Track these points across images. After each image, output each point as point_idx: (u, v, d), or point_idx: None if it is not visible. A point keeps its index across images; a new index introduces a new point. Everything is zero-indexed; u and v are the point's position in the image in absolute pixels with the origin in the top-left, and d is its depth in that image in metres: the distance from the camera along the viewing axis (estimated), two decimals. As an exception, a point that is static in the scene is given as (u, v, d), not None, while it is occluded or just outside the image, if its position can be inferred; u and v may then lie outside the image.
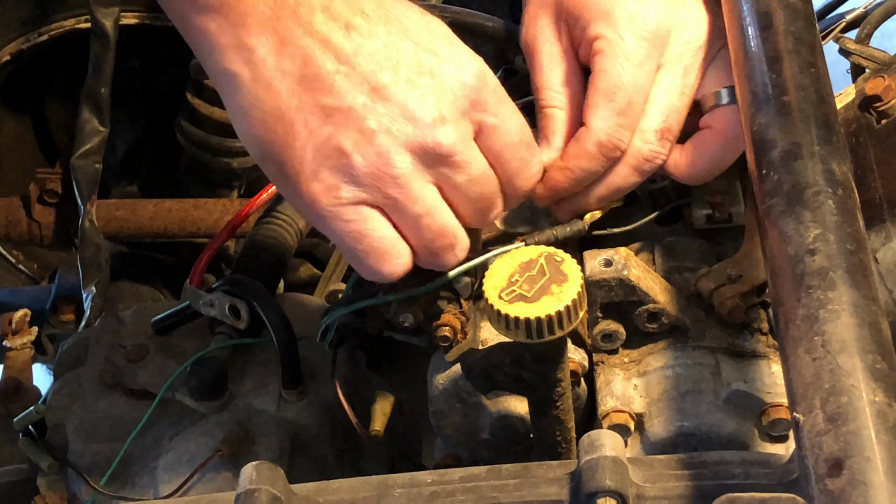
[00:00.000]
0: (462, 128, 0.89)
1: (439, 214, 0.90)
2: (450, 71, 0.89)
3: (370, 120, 0.86)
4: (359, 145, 0.87)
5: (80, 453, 1.14)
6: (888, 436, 0.65)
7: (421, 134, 0.87)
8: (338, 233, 0.90)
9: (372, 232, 0.89)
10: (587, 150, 1.00)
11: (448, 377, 1.03)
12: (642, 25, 0.99)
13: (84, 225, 1.48)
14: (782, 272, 0.75)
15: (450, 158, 0.88)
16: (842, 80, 1.11)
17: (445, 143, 0.88)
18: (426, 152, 0.88)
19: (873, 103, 1.03)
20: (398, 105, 0.87)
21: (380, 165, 0.87)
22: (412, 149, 0.87)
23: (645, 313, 1.01)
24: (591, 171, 1.01)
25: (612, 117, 0.99)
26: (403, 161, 0.87)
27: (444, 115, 0.88)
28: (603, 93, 0.99)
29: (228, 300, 1.12)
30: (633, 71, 0.98)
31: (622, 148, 1.00)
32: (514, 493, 0.79)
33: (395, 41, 0.88)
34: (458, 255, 0.93)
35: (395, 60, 0.87)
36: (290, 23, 0.86)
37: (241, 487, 0.78)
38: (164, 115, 1.70)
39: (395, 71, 0.87)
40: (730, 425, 1.00)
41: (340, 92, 0.86)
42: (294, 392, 1.12)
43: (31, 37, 1.62)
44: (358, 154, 0.87)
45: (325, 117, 0.86)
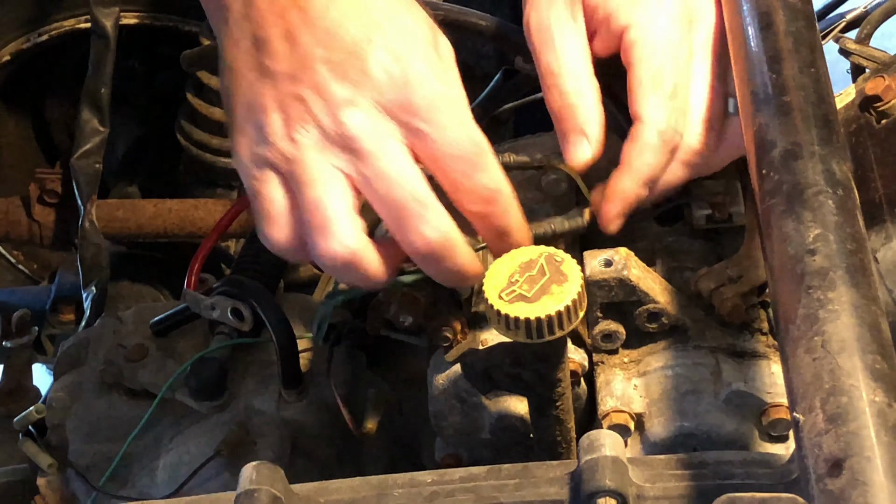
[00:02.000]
0: (376, 119, 0.88)
1: (318, 189, 0.89)
2: (382, 64, 0.89)
3: (292, 87, 0.89)
4: (276, 109, 0.89)
5: (80, 453, 1.14)
6: (888, 436, 0.65)
7: (329, 111, 0.88)
8: (246, 187, 0.93)
9: (265, 194, 0.91)
10: (650, 143, 0.95)
11: (448, 377, 1.03)
12: (669, 9, 0.96)
13: (84, 225, 1.48)
14: (782, 272, 0.75)
15: (354, 143, 0.88)
16: (842, 80, 1.11)
17: (349, 124, 0.88)
18: (332, 131, 0.88)
19: (873, 103, 1.03)
20: (319, 82, 0.88)
21: (288, 130, 0.89)
22: (319, 124, 0.89)
23: (645, 313, 1.01)
24: (659, 167, 0.96)
25: (665, 104, 0.95)
26: (307, 131, 0.89)
27: (355, 99, 0.88)
28: (649, 81, 0.95)
29: (230, 303, 1.12)
30: (672, 52, 0.95)
31: (680, 131, 0.96)
32: (514, 493, 0.79)
33: (344, 22, 0.89)
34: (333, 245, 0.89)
35: (334, 39, 0.89)
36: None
37: (241, 487, 0.78)
38: (164, 115, 1.70)
39: (329, 49, 0.89)
40: (730, 425, 1.00)
41: (277, 57, 0.89)
42: (294, 392, 1.12)
43: (31, 37, 1.62)
44: (274, 115, 0.89)
45: (260, 76, 0.90)
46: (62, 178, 1.67)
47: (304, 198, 0.89)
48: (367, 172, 0.89)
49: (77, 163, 1.50)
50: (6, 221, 1.69)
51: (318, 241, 0.90)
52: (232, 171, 1.66)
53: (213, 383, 1.11)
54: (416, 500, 0.79)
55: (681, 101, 0.96)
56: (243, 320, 1.12)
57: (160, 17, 1.58)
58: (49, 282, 1.77)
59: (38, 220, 1.68)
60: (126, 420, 1.14)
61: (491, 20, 1.19)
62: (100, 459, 1.14)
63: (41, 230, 1.68)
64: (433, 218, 0.89)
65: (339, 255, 0.90)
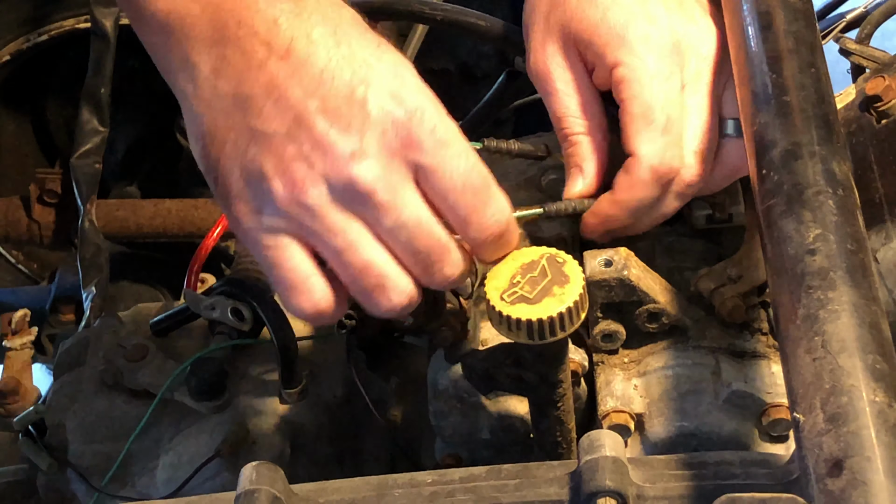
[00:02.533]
0: (387, 167, 0.84)
1: (362, 250, 0.85)
2: (382, 105, 0.83)
3: (291, 147, 0.83)
4: (277, 172, 0.84)
5: (80, 453, 1.14)
6: (888, 436, 0.65)
7: (336, 167, 0.83)
8: (259, 257, 0.87)
9: (285, 262, 0.86)
10: (642, 179, 0.97)
11: (448, 377, 1.03)
12: (658, 44, 0.97)
13: (84, 225, 1.48)
14: (782, 272, 0.75)
15: (370, 198, 0.84)
16: (842, 80, 1.11)
17: (362, 178, 0.83)
18: (343, 187, 0.83)
19: (873, 103, 1.03)
20: (319, 135, 0.83)
21: (296, 193, 0.83)
22: (328, 182, 0.83)
23: (645, 313, 1.01)
24: (648, 200, 0.98)
25: (658, 139, 0.96)
26: (317, 192, 0.83)
27: (364, 151, 0.83)
28: (640, 117, 0.96)
29: (230, 303, 1.12)
30: (663, 87, 0.96)
31: (676, 168, 0.97)
32: (514, 493, 0.79)
33: (332, 67, 0.84)
34: (395, 299, 0.86)
35: (326, 88, 0.83)
36: (229, 43, 0.85)
37: (241, 487, 0.78)
38: (164, 115, 1.70)
39: (323, 100, 0.83)
40: (730, 425, 1.00)
41: (268, 117, 0.84)
42: (294, 392, 1.12)
43: (31, 37, 1.62)
44: (277, 180, 0.84)
45: (251, 139, 0.84)
46: (62, 178, 1.66)
47: (348, 264, 0.85)
48: (386, 224, 0.85)
49: (77, 163, 1.50)
50: (6, 221, 1.68)
51: (379, 300, 0.86)
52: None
53: (213, 383, 1.12)
54: (416, 500, 0.79)
55: (674, 135, 0.97)
56: (243, 320, 1.12)
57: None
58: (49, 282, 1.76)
59: (38, 220, 1.68)
60: (126, 420, 1.14)
61: (491, 20, 1.19)
62: (100, 459, 1.14)
63: (41, 230, 1.68)
64: (455, 259, 0.88)
65: (401, 305, 0.87)
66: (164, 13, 0.86)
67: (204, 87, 0.85)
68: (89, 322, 1.42)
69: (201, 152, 0.87)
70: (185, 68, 0.86)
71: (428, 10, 1.19)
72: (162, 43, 0.87)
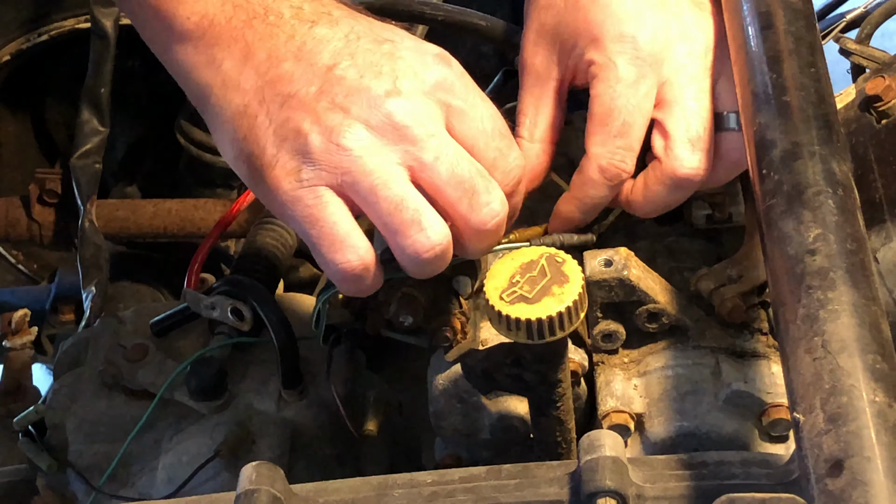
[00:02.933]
0: (422, 104, 0.88)
1: (396, 185, 0.87)
2: (410, 53, 0.89)
3: (324, 100, 0.87)
4: (314, 125, 0.87)
5: (80, 453, 1.14)
6: (888, 436, 0.65)
7: (372, 105, 0.87)
8: (297, 218, 0.89)
9: (328, 217, 0.88)
10: (591, 178, 0.99)
11: (448, 377, 1.03)
12: (632, 46, 0.97)
13: (84, 225, 1.48)
14: (782, 272, 0.75)
15: (408, 132, 0.87)
16: (842, 80, 1.11)
17: (398, 113, 0.87)
18: (381, 125, 0.87)
19: (873, 103, 1.03)
20: (352, 83, 0.88)
21: (333, 141, 0.87)
22: (367, 124, 0.87)
23: (645, 313, 1.01)
24: (599, 198, 1.00)
25: (609, 141, 0.98)
26: (356, 134, 0.87)
27: (398, 88, 0.88)
28: (598, 118, 0.98)
29: (230, 303, 1.12)
30: (625, 92, 0.97)
31: (626, 170, 0.98)
32: (514, 493, 0.79)
33: (357, 34, 0.90)
34: (433, 237, 0.87)
35: (353, 49, 0.89)
36: (259, 28, 0.90)
37: (241, 487, 0.78)
38: (164, 115, 1.70)
39: (352, 57, 0.89)
40: (730, 425, 1.00)
41: (299, 80, 0.88)
42: (294, 392, 1.12)
43: (31, 37, 1.62)
44: (314, 133, 0.87)
45: (283, 103, 0.88)
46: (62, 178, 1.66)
47: (383, 199, 0.87)
48: (426, 157, 0.87)
49: (77, 163, 1.49)
50: (6, 221, 1.68)
51: (415, 237, 0.87)
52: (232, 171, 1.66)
53: (212, 383, 1.11)
54: (416, 500, 0.79)
55: (630, 139, 0.98)
56: (243, 320, 1.12)
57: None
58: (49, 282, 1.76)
59: (38, 220, 1.68)
60: (126, 420, 1.14)
61: (491, 20, 1.19)
62: (100, 459, 1.14)
63: (41, 230, 1.68)
64: (496, 192, 0.90)
65: (438, 246, 0.88)
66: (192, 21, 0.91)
67: (231, 73, 0.90)
68: (89, 322, 1.41)
69: (232, 136, 0.91)
70: (210, 66, 0.91)
71: (429, 11, 1.19)
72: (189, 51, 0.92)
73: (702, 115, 0.98)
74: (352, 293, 0.92)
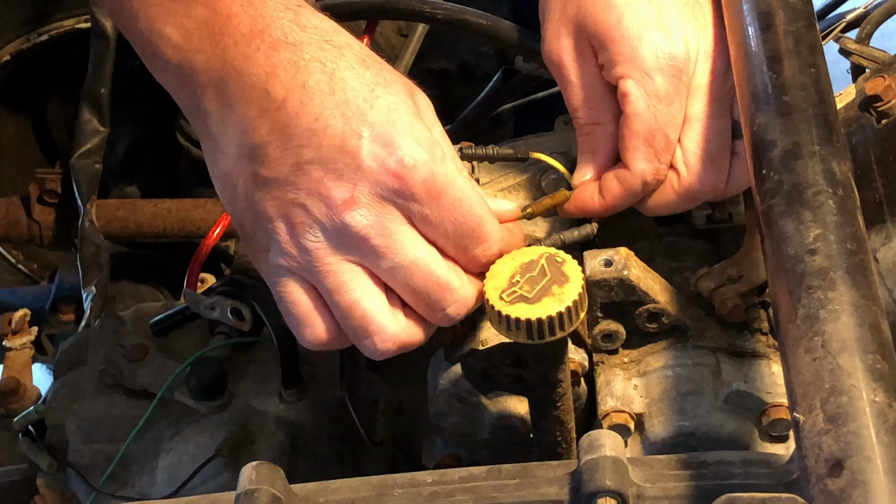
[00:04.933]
0: (380, 213, 0.87)
1: (350, 293, 0.89)
2: (374, 155, 0.87)
3: (290, 193, 0.88)
4: (280, 215, 0.89)
5: (80, 453, 1.14)
6: (888, 436, 0.65)
7: (330, 214, 0.87)
8: (273, 294, 0.93)
9: (289, 297, 0.91)
10: (634, 191, 1.00)
11: (448, 377, 1.03)
12: (668, 61, 0.97)
13: (84, 225, 1.48)
14: (782, 272, 0.75)
15: (365, 243, 0.88)
16: (842, 80, 1.11)
17: (354, 225, 0.87)
18: (338, 233, 0.88)
19: (873, 103, 1.03)
20: (314, 183, 0.87)
21: (296, 237, 0.88)
22: (323, 227, 0.88)
23: (645, 313, 1.01)
24: (628, 205, 1.01)
25: (654, 159, 0.98)
26: (315, 237, 0.88)
27: (356, 199, 0.87)
28: (641, 136, 0.98)
29: (230, 303, 1.12)
30: (664, 110, 0.97)
31: (661, 180, 1.00)
32: (514, 493, 0.79)
33: (326, 116, 0.87)
34: (379, 344, 0.90)
35: (319, 137, 0.87)
36: (233, 94, 0.89)
37: (241, 487, 0.78)
38: (164, 115, 1.70)
39: (318, 150, 0.87)
40: (730, 425, 1.00)
41: (270, 164, 0.88)
42: (294, 392, 1.12)
43: (31, 37, 1.62)
44: (279, 224, 0.89)
45: (255, 184, 0.89)
46: (62, 178, 1.66)
47: (337, 304, 0.90)
48: (383, 266, 0.89)
49: (77, 163, 1.49)
50: (6, 221, 1.68)
51: (365, 343, 0.91)
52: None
53: (212, 383, 1.11)
54: (416, 500, 0.79)
55: (669, 152, 0.99)
56: (243, 320, 1.12)
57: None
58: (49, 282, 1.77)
59: (38, 220, 1.68)
60: (126, 420, 1.14)
61: (492, 19, 1.19)
62: (99, 459, 1.14)
63: (41, 230, 1.68)
64: (456, 295, 0.91)
65: (387, 350, 0.92)
66: (174, 62, 0.91)
67: (214, 132, 0.91)
68: (89, 322, 1.42)
69: (220, 193, 0.93)
70: (198, 114, 0.91)
71: (428, 10, 1.19)
72: (179, 87, 0.92)
73: (723, 134, 0.99)
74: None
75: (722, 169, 0.99)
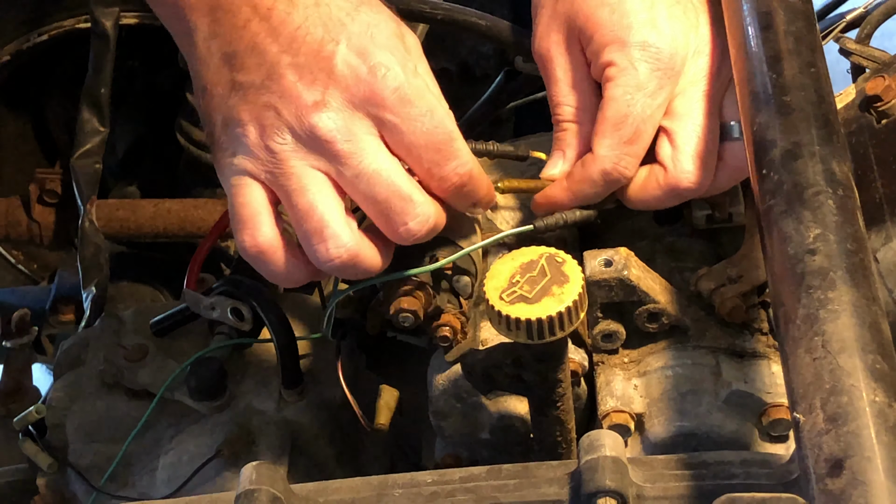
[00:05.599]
0: (349, 118, 0.90)
1: (309, 195, 0.90)
2: (347, 61, 0.90)
3: (263, 97, 0.90)
4: (251, 118, 0.91)
5: (80, 453, 1.14)
6: (888, 436, 0.65)
7: (299, 115, 0.89)
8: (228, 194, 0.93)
9: (242, 197, 0.92)
10: (591, 177, 1.00)
11: (448, 377, 1.03)
12: (655, 54, 0.98)
13: (84, 225, 1.48)
14: (782, 272, 0.75)
15: (330, 146, 0.90)
16: (842, 80, 1.11)
17: (322, 127, 0.89)
18: (305, 134, 0.89)
19: (873, 103, 1.03)
20: (287, 87, 0.90)
21: (264, 138, 0.90)
22: (292, 130, 0.90)
23: (645, 313, 1.01)
24: (593, 195, 1.01)
25: (618, 146, 0.98)
26: (282, 139, 0.90)
27: (325, 101, 0.89)
28: (611, 122, 0.98)
29: (230, 303, 1.12)
30: (643, 101, 0.98)
31: (627, 176, 0.99)
32: (514, 493, 0.79)
33: (308, 25, 0.90)
34: (332, 250, 0.91)
35: (298, 44, 0.90)
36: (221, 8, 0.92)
37: (241, 487, 0.78)
38: (164, 115, 1.70)
39: (295, 55, 0.90)
40: (730, 425, 1.00)
41: (248, 70, 0.91)
42: (294, 392, 1.12)
43: (31, 37, 1.62)
44: (249, 125, 0.91)
45: (232, 90, 0.92)
46: (62, 178, 1.66)
47: (294, 206, 0.91)
48: (346, 173, 0.90)
49: (77, 163, 1.49)
50: (6, 221, 1.68)
51: (317, 246, 0.91)
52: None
53: (212, 383, 1.11)
54: (416, 500, 0.79)
55: (637, 147, 0.99)
56: (243, 320, 1.12)
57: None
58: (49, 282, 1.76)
59: (38, 220, 1.68)
60: (126, 420, 1.14)
61: (491, 19, 1.19)
62: (100, 459, 1.14)
63: (41, 230, 1.68)
64: (418, 209, 0.92)
65: (338, 258, 0.92)
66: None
67: (201, 47, 0.93)
68: (89, 322, 1.41)
69: (199, 105, 0.95)
70: (188, 33, 0.94)
71: (428, 10, 1.19)
72: (172, 14, 0.95)
73: (712, 132, 0.99)
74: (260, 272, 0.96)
75: (709, 168, 0.99)
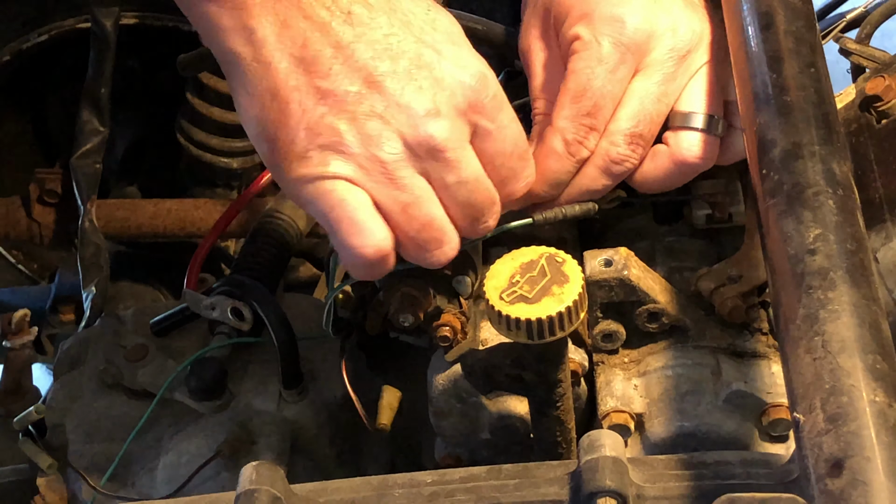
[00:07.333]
0: (457, 125, 0.89)
1: (427, 206, 0.90)
2: (450, 69, 0.89)
3: (364, 105, 0.88)
4: (352, 128, 0.88)
5: (80, 453, 1.14)
6: (888, 436, 0.65)
7: (413, 124, 0.88)
8: (317, 201, 0.90)
9: (349, 202, 0.89)
10: (554, 149, 1.00)
11: (448, 377, 1.03)
12: (620, 30, 0.98)
13: (84, 225, 1.48)
14: (782, 272, 0.75)
15: (441, 154, 0.89)
16: (842, 80, 1.11)
17: (437, 136, 0.88)
18: (418, 143, 0.88)
19: (873, 103, 1.03)
20: (393, 95, 0.88)
21: (370, 148, 0.88)
22: (403, 138, 0.88)
23: (645, 313, 1.01)
24: (563, 172, 1.00)
25: (577, 118, 0.99)
26: (393, 147, 0.88)
27: (438, 109, 0.88)
28: (571, 94, 0.99)
29: (230, 303, 1.12)
30: (604, 75, 0.98)
31: (588, 147, 0.99)
32: (514, 493, 0.79)
33: (396, 32, 0.89)
34: (447, 252, 0.92)
35: (394, 51, 0.88)
36: (290, 7, 0.88)
37: (241, 487, 0.78)
38: (164, 115, 1.70)
39: (393, 61, 0.88)
40: (730, 425, 1.00)
41: (336, 78, 0.88)
42: (294, 392, 1.12)
43: (31, 37, 1.62)
44: (350, 135, 0.88)
45: (319, 98, 0.88)
46: (62, 178, 1.66)
47: (413, 217, 0.90)
48: (449, 179, 0.90)
49: (77, 163, 1.49)
50: (6, 221, 1.68)
51: (435, 253, 0.92)
52: (232, 172, 1.66)
53: (213, 383, 1.11)
54: (416, 500, 0.79)
55: (598, 119, 0.99)
56: (243, 320, 1.12)
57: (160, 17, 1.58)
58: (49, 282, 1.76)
59: (38, 220, 1.68)
60: (126, 420, 1.14)
61: (488, 24, 1.19)
62: (100, 459, 1.14)
63: (41, 230, 1.68)
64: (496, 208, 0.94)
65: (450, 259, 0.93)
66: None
67: (264, 49, 0.88)
68: (89, 322, 1.41)
69: (259, 115, 0.90)
70: (241, 33, 0.89)
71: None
72: (215, 10, 0.89)
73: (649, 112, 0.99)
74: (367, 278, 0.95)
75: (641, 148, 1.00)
